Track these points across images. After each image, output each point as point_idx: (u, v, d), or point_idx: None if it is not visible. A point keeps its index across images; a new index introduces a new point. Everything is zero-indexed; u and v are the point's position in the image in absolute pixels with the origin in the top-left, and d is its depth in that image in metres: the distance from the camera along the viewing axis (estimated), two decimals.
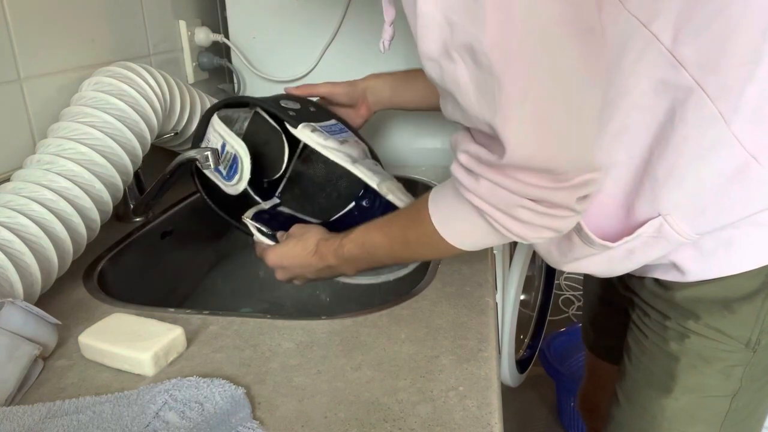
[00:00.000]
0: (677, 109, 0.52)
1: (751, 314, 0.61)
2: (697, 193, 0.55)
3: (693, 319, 0.63)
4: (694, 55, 0.50)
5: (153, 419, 0.47)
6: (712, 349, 0.63)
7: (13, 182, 0.68)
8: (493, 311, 0.65)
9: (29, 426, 0.47)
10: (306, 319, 0.64)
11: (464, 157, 0.51)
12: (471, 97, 0.45)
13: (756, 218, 0.57)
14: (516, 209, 0.49)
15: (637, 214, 0.58)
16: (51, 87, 0.82)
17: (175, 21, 1.11)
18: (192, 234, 1.01)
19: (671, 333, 0.66)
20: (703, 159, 0.53)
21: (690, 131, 0.52)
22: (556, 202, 0.48)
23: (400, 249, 0.63)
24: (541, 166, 0.46)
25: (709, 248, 0.59)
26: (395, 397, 0.51)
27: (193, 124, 0.96)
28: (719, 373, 0.64)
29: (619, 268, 0.64)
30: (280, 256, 0.72)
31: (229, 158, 0.80)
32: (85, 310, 0.66)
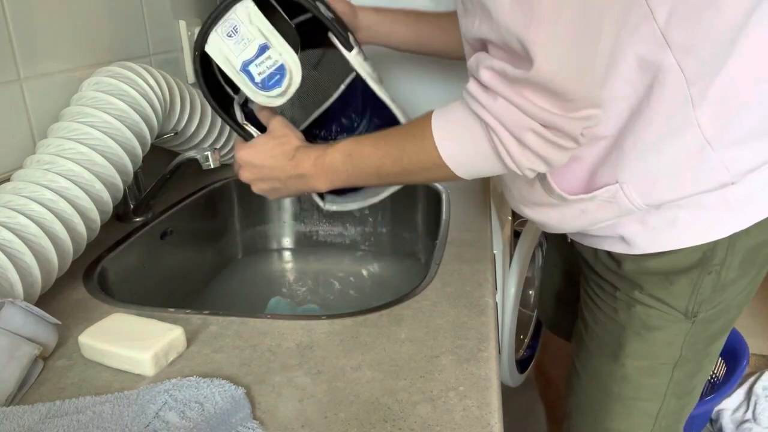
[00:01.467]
0: (656, 87, 0.56)
1: (688, 286, 0.66)
2: (654, 168, 0.59)
3: (638, 289, 0.68)
4: (681, 38, 0.53)
5: (153, 419, 0.47)
6: (655, 318, 0.69)
7: (13, 182, 0.68)
8: (493, 311, 0.65)
9: (29, 426, 0.47)
10: (306, 319, 0.64)
11: (487, 74, 0.52)
12: (506, 8, 0.47)
13: (700, 199, 0.61)
14: (525, 132, 0.51)
15: (598, 178, 0.62)
16: (51, 87, 0.82)
17: (175, 21, 1.11)
18: (192, 234, 1.01)
19: (620, 303, 0.71)
20: (667, 138, 0.58)
21: (661, 109, 0.56)
22: (566, 130, 0.51)
23: (390, 164, 0.62)
24: (560, 87, 0.48)
25: (654, 225, 0.64)
26: (395, 397, 0.51)
27: (193, 124, 0.97)
28: (662, 342, 0.69)
29: (569, 225, 0.69)
30: (252, 153, 0.68)
31: (270, 65, 0.69)
32: (85, 310, 0.66)
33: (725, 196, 0.61)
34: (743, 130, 0.58)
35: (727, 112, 0.57)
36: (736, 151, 0.59)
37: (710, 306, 0.67)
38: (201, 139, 1.00)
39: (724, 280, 0.66)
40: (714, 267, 0.65)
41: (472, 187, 1.04)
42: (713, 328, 0.70)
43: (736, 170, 0.60)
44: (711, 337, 0.70)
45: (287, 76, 0.68)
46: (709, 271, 0.65)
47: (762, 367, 1.74)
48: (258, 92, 0.69)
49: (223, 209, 1.10)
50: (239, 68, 0.67)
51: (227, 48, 0.67)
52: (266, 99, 0.69)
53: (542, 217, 0.70)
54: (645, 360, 0.71)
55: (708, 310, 0.68)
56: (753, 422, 1.58)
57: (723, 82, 0.55)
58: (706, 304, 0.67)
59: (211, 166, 0.83)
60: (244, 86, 0.69)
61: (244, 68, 0.67)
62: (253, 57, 0.67)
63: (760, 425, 1.57)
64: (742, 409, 1.64)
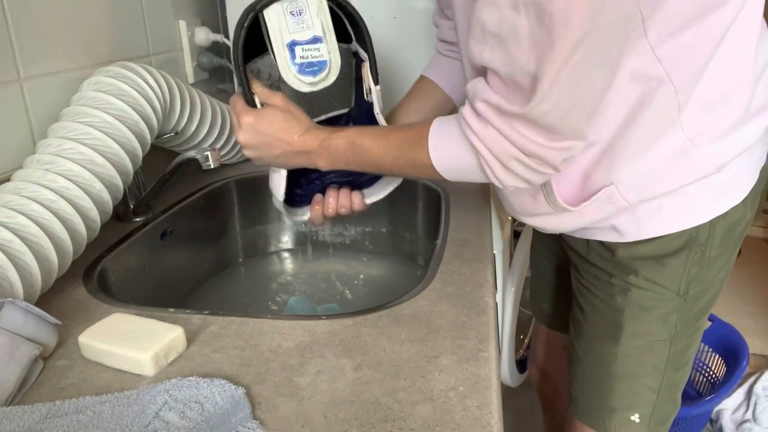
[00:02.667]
0: (646, 96, 0.60)
1: (679, 267, 0.71)
2: (644, 167, 0.64)
3: (633, 274, 0.73)
4: (669, 53, 0.58)
5: (153, 419, 0.47)
6: (650, 299, 0.73)
7: (13, 182, 0.68)
8: (493, 311, 0.65)
9: (29, 426, 0.47)
10: (306, 319, 0.64)
11: (482, 105, 0.57)
12: (524, 48, 0.50)
13: (684, 190, 0.66)
14: (510, 160, 0.57)
15: (593, 182, 0.66)
16: (51, 87, 0.82)
17: (175, 21, 1.11)
18: (192, 234, 1.01)
19: (616, 289, 0.75)
20: (654, 140, 0.62)
21: (651, 116, 0.61)
22: (547, 159, 0.56)
23: (388, 161, 0.68)
24: (551, 123, 0.53)
25: (642, 214, 0.69)
26: (395, 397, 0.51)
27: (193, 124, 0.97)
28: (658, 320, 0.74)
29: (566, 226, 0.73)
30: (260, 120, 0.70)
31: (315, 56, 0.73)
32: (85, 310, 0.66)
33: (707, 185, 0.66)
34: (723, 126, 0.63)
35: (709, 113, 0.62)
36: (718, 144, 0.63)
37: (698, 283, 0.73)
38: (201, 139, 1.00)
39: (708, 258, 0.71)
40: (699, 247, 0.71)
41: (472, 187, 1.04)
42: (701, 303, 0.75)
43: (719, 162, 0.64)
44: (700, 311, 0.76)
45: (324, 72, 0.74)
46: (695, 251, 0.71)
47: (762, 367, 1.74)
48: (291, 70, 0.72)
49: (223, 209, 1.10)
50: (286, 43, 0.71)
51: (285, 23, 0.71)
52: (295, 79, 0.73)
53: (542, 223, 0.74)
54: (644, 339, 0.75)
55: (696, 286, 0.73)
56: (753, 422, 1.58)
57: (705, 86, 0.60)
58: (694, 281, 0.72)
59: (211, 166, 0.83)
60: (282, 59, 0.72)
61: (291, 46, 0.71)
62: (304, 42, 0.72)
63: (760, 425, 1.57)
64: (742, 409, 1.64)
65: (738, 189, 0.70)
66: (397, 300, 0.67)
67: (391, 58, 1.16)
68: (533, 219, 0.74)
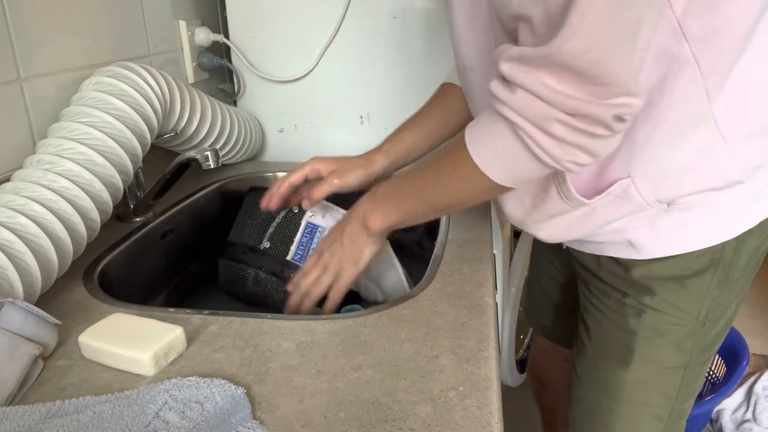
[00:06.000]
0: (669, 78, 0.53)
1: (701, 289, 0.65)
2: (667, 162, 0.58)
3: (650, 295, 0.67)
4: (697, 29, 0.51)
5: (153, 419, 0.47)
6: (666, 323, 0.67)
7: (13, 182, 0.68)
8: (493, 311, 0.65)
9: (29, 426, 0.46)
10: (306, 319, 0.64)
11: (506, 65, 0.49)
12: None
13: (709, 199, 0.60)
14: (551, 123, 0.48)
15: (609, 173, 0.60)
16: (51, 87, 0.81)
17: (175, 21, 1.11)
18: (192, 234, 1.01)
19: (629, 309, 0.69)
20: (681, 132, 0.56)
21: (675, 102, 0.54)
22: (594, 116, 0.47)
23: (432, 182, 0.63)
24: (587, 67, 0.45)
25: (663, 227, 0.62)
26: (395, 397, 0.51)
27: (193, 124, 0.97)
28: (672, 346, 0.68)
29: (575, 231, 0.66)
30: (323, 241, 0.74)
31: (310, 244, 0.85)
32: (85, 310, 0.66)
33: (734, 196, 0.61)
34: (755, 125, 0.57)
35: (743, 106, 0.56)
36: (748, 146, 0.58)
37: (718, 307, 0.67)
38: (201, 139, 1.00)
39: (730, 279, 0.66)
40: (724, 268, 0.64)
41: None
42: (718, 327, 0.70)
43: (746, 166, 0.59)
44: (716, 336, 0.70)
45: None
46: (719, 272, 0.65)
47: (762, 367, 1.74)
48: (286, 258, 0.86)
49: (224, 209, 1.10)
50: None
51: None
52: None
53: (548, 230, 0.67)
54: (656, 364, 0.70)
55: (716, 310, 0.67)
56: (753, 422, 1.58)
57: (739, 74, 0.54)
58: (714, 305, 0.67)
59: (211, 166, 0.83)
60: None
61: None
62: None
63: (760, 425, 1.57)
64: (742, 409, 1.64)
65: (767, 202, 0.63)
66: (397, 300, 0.67)
67: (391, 58, 1.16)
68: (540, 225, 0.67)
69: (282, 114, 1.26)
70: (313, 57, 1.18)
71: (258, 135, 1.23)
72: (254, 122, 1.22)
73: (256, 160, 1.29)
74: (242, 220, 0.92)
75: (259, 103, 1.26)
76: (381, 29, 1.14)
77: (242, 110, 1.21)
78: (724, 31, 0.51)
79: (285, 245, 0.87)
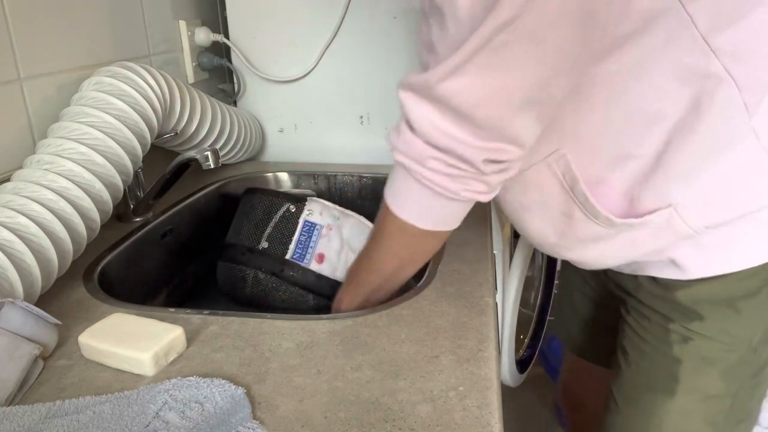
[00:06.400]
0: (703, 99, 0.49)
1: (755, 312, 0.60)
2: (711, 186, 0.53)
3: (698, 320, 0.61)
4: (727, 43, 0.47)
5: (153, 419, 0.47)
6: (715, 350, 0.62)
7: (13, 182, 0.68)
8: (493, 311, 0.65)
9: (29, 426, 0.46)
10: (306, 319, 0.64)
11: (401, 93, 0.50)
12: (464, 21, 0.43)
13: (759, 215, 0.56)
14: (428, 160, 0.50)
15: (643, 203, 0.55)
16: (51, 87, 0.81)
17: (175, 21, 1.11)
18: (192, 234, 1.01)
19: (674, 336, 0.64)
20: (721, 152, 0.52)
21: (713, 123, 0.50)
22: (463, 157, 0.48)
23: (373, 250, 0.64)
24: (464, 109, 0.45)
25: (709, 245, 0.58)
26: (395, 397, 0.51)
27: (193, 124, 0.97)
28: (722, 374, 0.63)
29: (612, 260, 0.62)
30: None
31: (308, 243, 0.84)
32: (85, 310, 0.66)
33: None
34: None
35: None
36: None
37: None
38: (201, 139, 1.00)
39: None
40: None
41: None
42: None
43: None
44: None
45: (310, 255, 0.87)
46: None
47: None
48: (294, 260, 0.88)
49: (224, 209, 1.10)
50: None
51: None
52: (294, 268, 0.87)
53: (584, 256, 0.63)
54: (703, 393, 0.65)
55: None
56: None
57: None
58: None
59: (211, 166, 0.83)
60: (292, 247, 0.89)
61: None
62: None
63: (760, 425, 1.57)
64: None
65: None
66: (397, 300, 0.67)
67: (391, 57, 1.16)
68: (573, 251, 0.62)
69: (282, 114, 1.26)
70: (313, 57, 1.18)
71: (258, 135, 1.23)
72: (254, 122, 1.22)
73: (256, 160, 1.29)
74: (239, 221, 0.92)
75: (259, 103, 1.26)
76: (381, 29, 1.14)
77: (242, 110, 1.21)
78: (755, 40, 0.48)
79: (283, 245, 0.87)
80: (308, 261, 0.86)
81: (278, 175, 1.18)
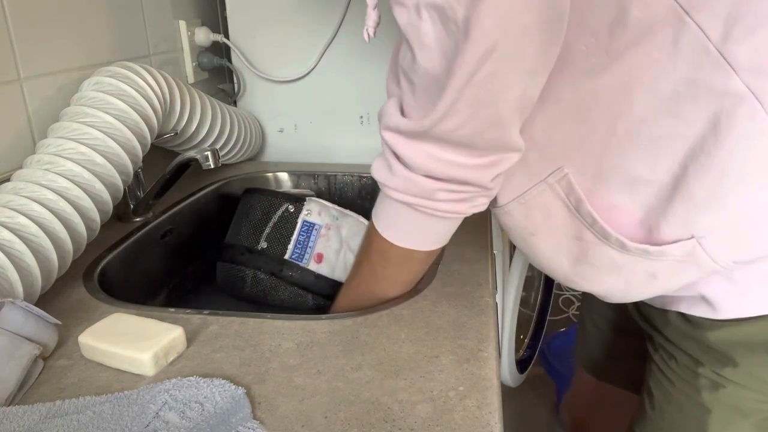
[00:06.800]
0: (723, 119, 0.44)
1: None
2: (738, 216, 0.48)
3: (731, 365, 0.56)
4: (747, 56, 0.42)
5: (153, 419, 0.47)
6: (750, 400, 0.57)
7: (13, 182, 0.68)
8: (493, 311, 0.65)
9: (29, 426, 0.46)
10: (306, 319, 0.64)
11: (388, 134, 0.51)
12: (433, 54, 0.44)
13: None
14: (435, 193, 0.51)
15: (663, 234, 0.50)
16: (51, 87, 0.82)
17: (175, 21, 1.11)
18: (192, 234, 1.01)
19: (703, 381, 0.58)
20: (750, 178, 0.46)
21: (737, 146, 0.45)
22: (470, 181, 0.50)
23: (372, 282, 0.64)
24: (463, 139, 0.47)
25: (744, 282, 0.53)
26: (395, 397, 0.51)
27: (193, 124, 0.97)
28: (756, 427, 0.58)
29: (635, 293, 0.57)
30: None
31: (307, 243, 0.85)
32: (85, 310, 0.66)
33: None
34: None
35: None
36: None
37: None
38: (201, 139, 1.00)
39: None
40: None
41: None
42: None
43: None
44: None
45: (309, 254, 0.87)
46: None
47: None
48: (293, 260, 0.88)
49: (224, 209, 1.10)
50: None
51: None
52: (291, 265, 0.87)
53: (602, 287, 0.58)
54: None
55: None
56: None
57: None
58: None
59: (211, 166, 0.83)
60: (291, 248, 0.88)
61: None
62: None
63: None
64: None
65: None
66: (397, 300, 0.67)
67: None
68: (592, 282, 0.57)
69: (282, 114, 1.26)
70: (313, 57, 1.18)
71: (258, 135, 1.23)
72: (254, 122, 1.22)
73: (256, 160, 1.29)
74: (238, 221, 0.92)
75: (259, 103, 1.26)
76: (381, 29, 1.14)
77: (242, 110, 1.21)
78: None
79: (282, 245, 0.87)
80: (307, 261, 0.86)
81: (278, 175, 1.18)
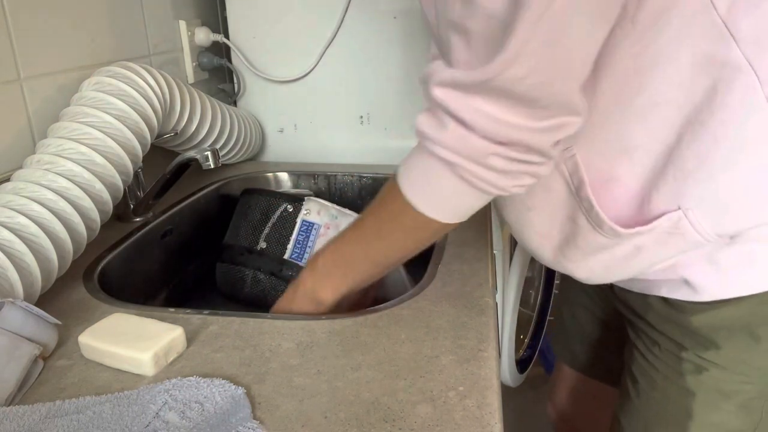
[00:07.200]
0: (720, 89, 0.45)
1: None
2: (727, 189, 0.49)
3: (713, 349, 0.56)
4: (750, 28, 0.43)
5: (153, 419, 0.47)
6: (732, 382, 0.57)
7: (13, 182, 0.68)
8: (493, 311, 0.65)
9: (29, 426, 0.46)
10: (306, 319, 0.64)
11: (439, 90, 0.45)
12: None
13: None
14: (488, 157, 0.46)
15: (654, 205, 0.51)
16: (51, 87, 0.82)
17: (175, 21, 1.11)
18: (192, 234, 1.01)
19: (687, 365, 0.59)
20: (741, 151, 0.47)
21: (731, 117, 0.46)
22: (531, 145, 0.45)
23: (374, 239, 0.59)
24: (528, 92, 0.42)
25: (725, 263, 0.53)
26: (395, 397, 0.51)
27: (193, 124, 0.97)
28: (740, 408, 0.59)
29: (617, 272, 0.57)
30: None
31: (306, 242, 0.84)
32: (85, 310, 0.66)
33: None
34: None
35: None
36: None
37: None
38: (201, 139, 1.00)
39: None
40: None
41: None
42: None
43: None
44: None
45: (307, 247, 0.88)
46: None
47: None
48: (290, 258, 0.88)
49: (224, 209, 1.10)
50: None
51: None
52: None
53: (584, 269, 0.59)
54: (719, 429, 0.60)
55: None
56: None
57: None
58: None
59: (211, 166, 0.83)
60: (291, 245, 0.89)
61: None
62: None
63: None
64: None
65: None
66: (397, 300, 0.67)
67: (391, 58, 1.16)
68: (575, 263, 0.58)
69: (282, 114, 1.26)
70: (313, 57, 1.18)
71: (258, 135, 1.23)
72: (254, 122, 1.22)
73: (256, 160, 1.29)
74: (237, 222, 0.92)
75: (259, 103, 1.26)
76: (381, 29, 1.14)
77: (242, 110, 1.21)
78: None
79: (282, 245, 0.87)
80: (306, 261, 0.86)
81: (278, 175, 1.18)
